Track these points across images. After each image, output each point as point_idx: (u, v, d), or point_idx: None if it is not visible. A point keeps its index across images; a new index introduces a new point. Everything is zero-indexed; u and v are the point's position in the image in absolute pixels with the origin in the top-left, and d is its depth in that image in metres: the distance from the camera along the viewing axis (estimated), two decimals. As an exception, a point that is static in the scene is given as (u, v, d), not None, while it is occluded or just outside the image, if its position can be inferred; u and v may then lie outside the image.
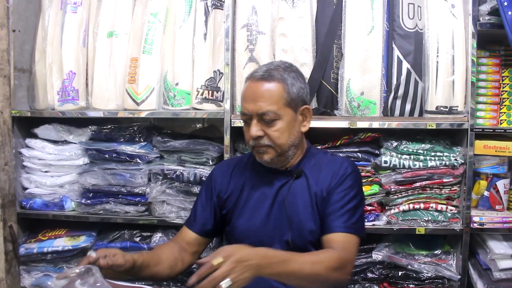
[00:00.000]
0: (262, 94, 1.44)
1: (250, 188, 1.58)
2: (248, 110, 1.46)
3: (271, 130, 1.45)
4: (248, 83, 1.49)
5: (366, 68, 1.97)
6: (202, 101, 2.05)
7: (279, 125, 1.45)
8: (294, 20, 1.99)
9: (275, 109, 1.44)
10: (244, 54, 2.01)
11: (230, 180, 1.62)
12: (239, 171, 1.64)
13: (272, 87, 1.45)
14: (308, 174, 1.54)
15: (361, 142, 2.02)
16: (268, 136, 1.46)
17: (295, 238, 1.48)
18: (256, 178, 1.58)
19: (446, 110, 1.94)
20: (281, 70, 1.48)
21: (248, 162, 1.65)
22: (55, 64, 2.15)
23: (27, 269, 2.16)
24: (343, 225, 1.43)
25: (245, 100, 1.48)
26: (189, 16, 2.07)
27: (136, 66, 2.08)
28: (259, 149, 1.48)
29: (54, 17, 2.17)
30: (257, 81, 1.46)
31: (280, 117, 1.45)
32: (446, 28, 1.94)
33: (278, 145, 1.47)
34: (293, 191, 1.52)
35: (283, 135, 1.46)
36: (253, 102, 1.44)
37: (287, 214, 1.50)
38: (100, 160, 2.14)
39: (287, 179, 1.54)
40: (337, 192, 1.49)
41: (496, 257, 1.92)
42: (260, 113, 1.44)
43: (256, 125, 1.45)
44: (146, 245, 2.10)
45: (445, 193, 1.97)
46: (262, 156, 1.48)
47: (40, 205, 2.18)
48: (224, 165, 1.70)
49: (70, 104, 2.14)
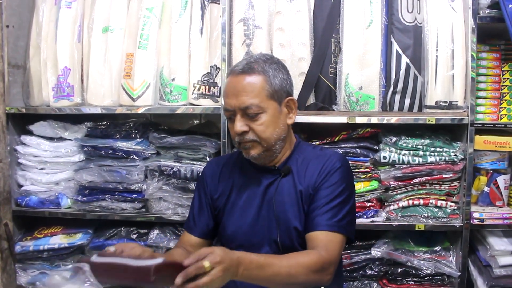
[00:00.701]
0: (244, 88, 1.40)
1: (238, 188, 1.54)
2: (231, 106, 1.42)
3: (255, 125, 1.41)
4: (229, 79, 1.46)
5: (364, 63, 1.95)
6: (198, 97, 2.03)
7: (264, 118, 1.41)
8: (292, 14, 1.96)
9: (257, 102, 1.40)
10: (241, 49, 1.98)
11: (219, 180, 1.59)
12: (227, 171, 1.60)
13: (254, 79, 1.41)
14: (294, 172, 1.49)
15: (360, 137, 2.00)
16: (253, 131, 1.42)
17: (283, 238, 1.45)
18: (244, 178, 1.55)
19: (446, 105, 1.92)
20: (261, 63, 1.44)
21: (236, 161, 1.62)
22: (50, 60, 2.12)
23: (23, 267, 2.15)
24: (327, 223, 1.38)
25: (227, 96, 1.44)
26: (185, 11, 2.04)
27: (131, 62, 2.06)
28: (245, 145, 1.44)
29: (48, 13, 2.14)
30: (237, 75, 1.42)
31: (264, 110, 1.41)
32: (446, 22, 1.91)
33: (264, 139, 1.42)
34: (280, 189, 1.48)
35: (268, 129, 1.42)
36: (235, 97, 1.41)
37: (275, 214, 1.46)
38: (96, 156, 2.12)
39: (275, 177, 1.50)
40: (323, 188, 1.43)
41: (496, 253, 1.90)
42: (243, 108, 1.40)
43: (240, 121, 1.41)
44: (143, 242, 2.09)
45: (445, 189, 1.95)
46: (249, 151, 1.45)
47: (35, 203, 2.17)
48: (213, 164, 1.66)
49: (65, 100, 2.12)
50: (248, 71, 1.42)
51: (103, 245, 2.09)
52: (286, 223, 1.45)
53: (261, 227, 1.48)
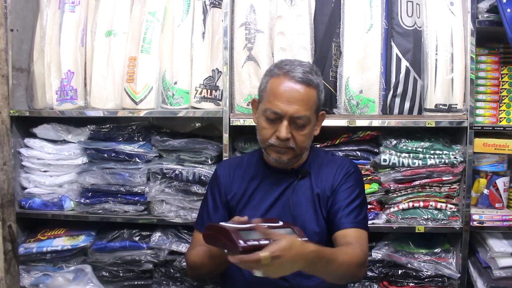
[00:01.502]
0: (301, 98, 1.41)
1: (254, 190, 1.56)
2: (282, 111, 1.41)
3: (299, 134, 1.44)
4: (283, 81, 1.43)
5: (365, 66, 1.97)
6: (200, 100, 2.05)
7: (307, 130, 1.45)
8: (293, 18, 1.98)
9: (309, 114, 1.43)
10: (242, 52, 2.00)
11: (233, 181, 1.61)
12: (241, 172, 1.62)
13: (310, 92, 1.43)
14: (312, 175, 1.54)
15: (360, 140, 2.02)
16: (295, 139, 1.44)
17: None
18: (260, 180, 1.57)
19: (445, 108, 1.93)
20: (314, 74, 1.46)
21: (250, 163, 1.63)
22: (54, 63, 2.14)
23: (26, 268, 2.16)
24: (354, 220, 1.45)
25: (279, 99, 1.41)
26: (187, 15, 2.06)
27: (134, 65, 2.07)
28: (281, 149, 1.46)
29: (52, 16, 2.16)
30: (296, 82, 1.42)
31: (309, 123, 1.45)
32: (445, 26, 1.93)
33: (301, 148, 1.47)
34: (297, 191, 1.51)
35: (307, 140, 1.48)
36: (289, 104, 1.41)
37: (292, 215, 1.49)
38: (99, 159, 2.14)
39: (293, 180, 1.53)
40: (342, 191, 1.50)
41: (496, 255, 1.91)
42: (295, 116, 1.41)
43: (287, 127, 1.42)
44: (146, 244, 2.10)
45: (445, 191, 1.97)
46: (281, 156, 1.47)
47: (39, 205, 2.18)
48: (226, 165, 1.68)
49: (69, 103, 2.13)
50: (307, 82, 1.42)
51: (105, 247, 2.10)
52: (303, 225, 1.47)
53: (277, 229, 1.49)
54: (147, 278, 2.14)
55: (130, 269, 2.13)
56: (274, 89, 1.44)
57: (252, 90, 2.00)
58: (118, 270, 2.13)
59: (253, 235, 1.17)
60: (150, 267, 2.11)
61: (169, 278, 2.10)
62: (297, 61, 1.50)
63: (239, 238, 1.13)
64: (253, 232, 1.18)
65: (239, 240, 1.12)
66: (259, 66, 1.99)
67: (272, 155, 1.48)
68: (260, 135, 1.50)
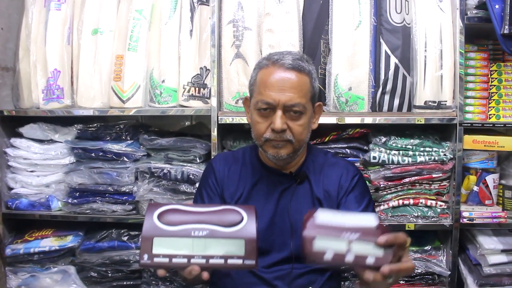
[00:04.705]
0: (293, 85, 1.33)
1: (250, 191, 1.47)
2: (275, 100, 1.32)
3: (295, 124, 1.35)
4: (273, 70, 1.36)
5: (353, 63, 1.96)
6: (189, 98, 2.03)
7: (304, 120, 1.36)
8: (281, 15, 1.96)
9: (304, 102, 1.35)
10: (230, 50, 1.99)
11: (228, 178, 1.50)
12: (237, 170, 1.51)
13: (303, 79, 1.35)
14: (312, 179, 1.46)
15: (350, 138, 2.01)
16: (291, 130, 1.35)
17: (298, 246, 1.36)
18: (256, 181, 1.48)
19: (435, 105, 1.92)
20: (305, 62, 1.39)
21: (246, 161, 1.53)
22: (40, 62, 2.11)
23: (13, 270, 2.13)
24: None
25: (270, 88, 1.33)
26: (174, 13, 2.04)
27: (121, 64, 2.05)
28: (278, 143, 1.36)
29: (38, 15, 2.13)
30: (286, 70, 1.34)
31: (305, 112, 1.36)
32: (434, 23, 1.92)
33: (299, 140, 1.37)
34: (297, 196, 1.43)
35: (304, 131, 1.38)
36: (282, 92, 1.32)
37: (290, 221, 1.40)
38: (86, 159, 2.11)
39: (290, 184, 1.45)
40: (351, 199, 1.43)
41: (486, 252, 1.91)
42: (289, 105, 1.32)
43: (282, 117, 1.33)
44: (134, 244, 2.08)
45: (435, 188, 1.96)
46: (279, 151, 1.37)
47: (26, 205, 2.15)
48: (221, 159, 1.56)
49: (55, 102, 2.11)
50: (298, 68, 1.35)
51: (94, 247, 2.08)
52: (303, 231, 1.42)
53: (274, 235, 1.42)
54: (136, 278, 2.12)
55: (118, 269, 2.10)
56: (264, 79, 1.36)
57: (240, 88, 1.98)
58: (106, 271, 2.10)
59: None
60: (139, 267, 2.09)
61: (158, 278, 2.08)
62: (286, 51, 1.43)
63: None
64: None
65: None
66: (247, 64, 1.97)
67: (269, 151, 1.38)
68: (254, 131, 1.41)
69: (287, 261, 1.40)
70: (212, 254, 1.00)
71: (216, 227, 1.03)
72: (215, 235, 1.01)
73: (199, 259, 0.99)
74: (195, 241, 1.00)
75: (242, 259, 1.01)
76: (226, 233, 1.02)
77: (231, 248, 1.01)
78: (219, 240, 1.01)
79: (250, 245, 1.02)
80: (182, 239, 0.99)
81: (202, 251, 1.00)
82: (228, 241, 1.02)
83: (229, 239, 1.02)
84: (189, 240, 0.99)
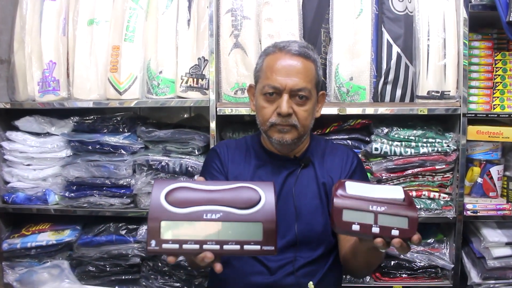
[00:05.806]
0: (299, 70, 1.37)
1: (253, 176, 1.47)
2: (281, 84, 1.36)
3: (301, 109, 1.38)
4: (280, 56, 1.40)
5: (355, 53, 1.92)
6: (187, 89, 1.99)
7: (308, 105, 1.40)
8: (280, 4, 1.92)
9: (310, 87, 1.39)
10: (229, 40, 1.95)
11: (232, 163, 1.50)
12: (241, 156, 1.52)
13: (309, 65, 1.40)
14: (316, 163, 1.48)
15: (351, 129, 1.97)
16: (296, 115, 1.38)
17: (302, 230, 1.40)
18: (260, 166, 1.48)
19: (438, 95, 1.89)
20: (310, 50, 1.43)
21: (249, 147, 1.54)
22: (35, 54, 2.07)
23: (10, 265, 2.11)
24: None
25: (277, 73, 1.37)
26: (172, 2, 2.00)
27: (118, 55, 2.01)
28: (283, 128, 1.39)
29: (32, 6, 2.08)
30: (293, 56, 1.39)
31: (311, 97, 1.40)
32: (437, 11, 1.88)
33: (303, 125, 1.40)
34: (301, 181, 1.45)
35: (309, 116, 1.42)
36: (289, 76, 1.36)
37: (294, 206, 1.41)
38: (83, 152, 2.08)
39: (294, 168, 1.46)
40: None
41: (490, 245, 1.89)
42: (295, 89, 1.36)
43: (288, 102, 1.36)
44: (133, 238, 2.05)
45: (438, 180, 1.93)
46: (284, 135, 1.39)
47: (23, 199, 2.12)
48: (224, 146, 1.56)
49: (51, 95, 2.07)
50: (305, 55, 1.39)
51: (91, 242, 2.05)
52: (307, 215, 1.41)
53: (279, 219, 1.39)
54: (134, 273, 2.10)
55: (117, 264, 2.07)
56: (271, 64, 1.40)
57: (239, 78, 1.94)
58: (105, 265, 2.08)
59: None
60: (137, 261, 2.06)
61: (157, 272, 2.06)
62: (292, 40, 1.48)
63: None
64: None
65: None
66: (246, 54, 1.93)
67: (274, 136, 1.40)
68: (259, 116, 1.44)
69: (291, 246, 1.39)
70: (227, 239, 0.91)
71: (231, 209, 0.94)
72: (230, 218, 0.92)
73: (212, 245, 0.90)
74: (207, 225, 0.91)
75: (260, 245, 0.92)
76: (242, 216, 0.94)
77: (248, 232, 0.92)
78: (234, 223, 0.92)
79: (269, 229, 0.93)
80: (193, 223, 0.91)
81: (216, 236, 0.91)
82: (244, 224, 0.93)
83: (245, 223, 0.93)
84: (201, 224, 0.91)
